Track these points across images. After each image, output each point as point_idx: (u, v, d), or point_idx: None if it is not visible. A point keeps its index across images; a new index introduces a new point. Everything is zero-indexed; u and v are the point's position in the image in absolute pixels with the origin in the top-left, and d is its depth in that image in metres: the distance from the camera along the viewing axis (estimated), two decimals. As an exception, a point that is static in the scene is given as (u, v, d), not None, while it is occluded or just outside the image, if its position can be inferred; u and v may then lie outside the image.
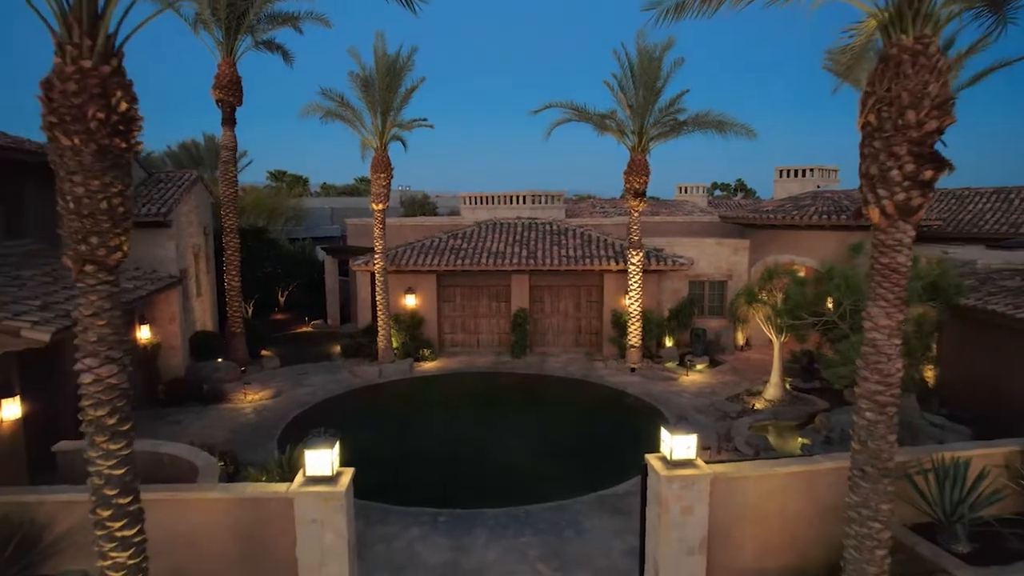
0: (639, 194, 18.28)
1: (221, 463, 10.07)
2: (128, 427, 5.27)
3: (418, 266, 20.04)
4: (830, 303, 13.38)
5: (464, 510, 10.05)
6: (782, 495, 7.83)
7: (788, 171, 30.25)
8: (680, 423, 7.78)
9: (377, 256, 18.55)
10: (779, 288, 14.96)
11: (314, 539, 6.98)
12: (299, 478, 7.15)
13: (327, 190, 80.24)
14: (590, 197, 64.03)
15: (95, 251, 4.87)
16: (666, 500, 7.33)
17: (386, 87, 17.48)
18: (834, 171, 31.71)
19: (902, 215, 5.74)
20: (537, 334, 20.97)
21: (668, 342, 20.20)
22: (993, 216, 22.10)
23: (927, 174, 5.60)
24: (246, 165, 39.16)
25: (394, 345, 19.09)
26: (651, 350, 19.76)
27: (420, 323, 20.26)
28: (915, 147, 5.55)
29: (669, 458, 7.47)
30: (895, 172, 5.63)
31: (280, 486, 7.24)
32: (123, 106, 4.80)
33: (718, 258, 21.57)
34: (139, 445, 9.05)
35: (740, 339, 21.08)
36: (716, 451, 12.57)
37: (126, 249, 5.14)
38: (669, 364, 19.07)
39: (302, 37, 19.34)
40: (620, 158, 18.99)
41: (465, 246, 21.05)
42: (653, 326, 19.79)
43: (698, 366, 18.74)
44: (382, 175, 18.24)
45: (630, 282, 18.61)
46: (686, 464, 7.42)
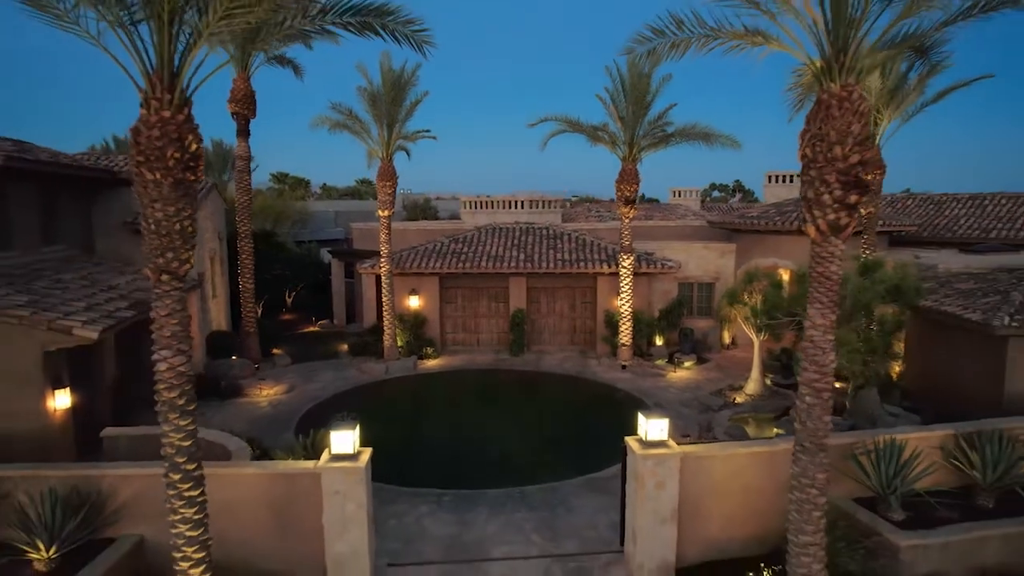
0: (630, 201, 19.43)
1: (248, 447, 11.19)
2: (193, 407, 6.41)
3: (421, 269, 21.17)
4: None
5: (466, 491, 11.19)
6: (745, 473, 8.98)
7: (778, 176, 31.36)
8: (655, 409, 8.93)
9: (383, 259, 19.69)
10: (758, 290, 16.09)
11: (338, 508, 8.13)
12: (325, 455, 8.30)
13: (328, 192, 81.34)
14: (591, 199, 65.20)
15: (170, 264, 6.01)
16: (642, 476, 8.48)
17: (391, 101, 18.63)
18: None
19: (833, 232, 6.88)
20: (534, 333, 22.10)
21: (658, 341, 21.34)
22: (967, 221, 23.29)
23: (852, 198, 6.74)
24: (254, 170, 40.21)
25: (399, 344, 20.22)
26: (642, 348, 20.89)
27: (423, 323, 21.39)
28: (842, 176, 6.69)
29: (645, 439, 8.63)
30: (826, 196, 6.77)
31: (308, 463, 8.39)
32: (193, 147, 5.94)
33: (706, 261, 22.72)
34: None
35: (726, 338, 22.22)
36: (696, 441, 13.70)
37: (192, 262, 6.27)
38: (659, 361, 20.21)
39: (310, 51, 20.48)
40: (618, 162, 19.97)
41: (466, 250, 22.19)
42: (644, 326, 20.92)
43: (686, 363, 19.88)
44: (388, 183, 19.39)
45: (621, 284, 19.75)
46: (659, 445, 8.58)
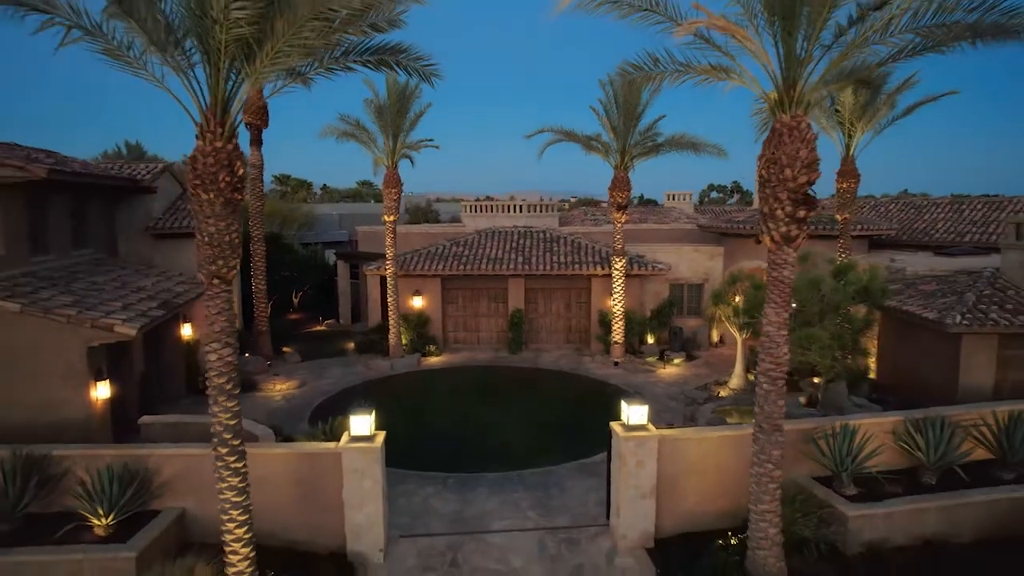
0: (621, 207, 20.55)
1: (273, 433, 12.32)
2: (237, 391, 7.52)
3: (424, 271, 22.29)
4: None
5: (468, 474, 12.31)
6: (716, 454, 10.10)
7: (766, 181, 32.35)
8: (636, 398, 10.05)
9: (388, 262, 20.81)
10: (740, 291, 17.21)
11: (356, 484, 9.24)
12: (345, 437, 9.42)
13: (330, 194, 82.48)
14: (590, 200, 66.29)
15: (220, 270, 7.13)
16: (624, 456, 9.60)
17: (397, 112, 19.74)
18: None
19: (785, 242, 8.01)
20: (532, 332, 23.20)
21: (650, 339, 22.44)
22: (944, 225, 24.40)
23: (801, 213, 7.87)
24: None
25: (403, 342, 21.33)
26: (634, 346, 22.01)
27: (426, 322, 22.50)
28: (792, 194, 7.81)
29: (627, 424, 9.76)
30: (779, 211, 7.90)
31: (330, 444, 9.51)
32: (240, 171, 7.06)
33: (696, 263, 23.83)
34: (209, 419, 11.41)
35: (715, 337, 23.34)
36: (681, 430, 14.82)
37: (237, 269, 7.37)
38: (650, 359, 21.33)
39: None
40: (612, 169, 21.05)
41: (466, 252, 23.30)
42: (636, 325, 22.04)
43: (675, 360, 20.99)
44: (393, 190, 20.51)
45: (614, 285, 20.87)
46: (640, 428, 9.70)
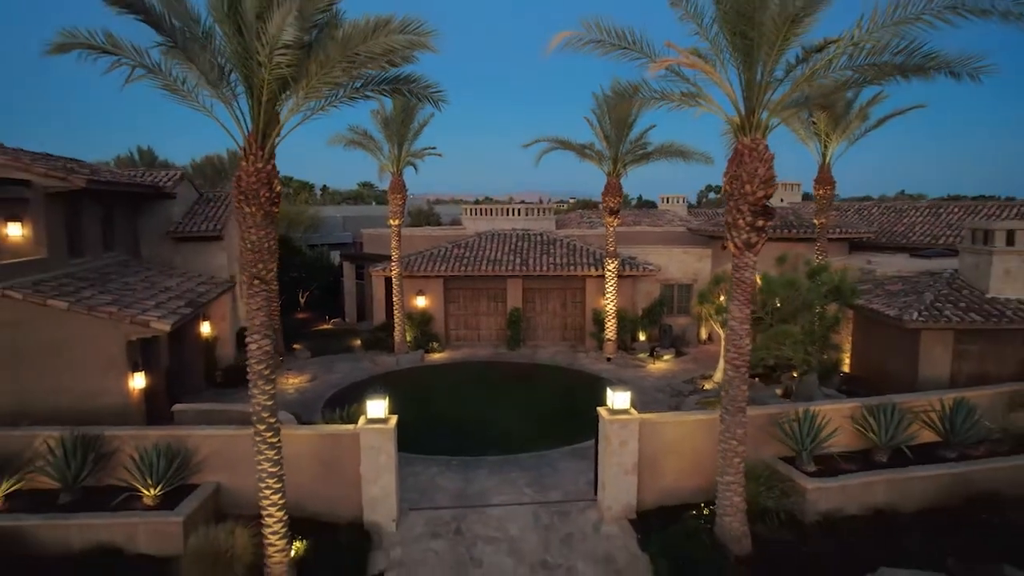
0: (613, 212, 21.78)
1: (295, 418, 13.53)
2: (274, 377, 8.72)
3: (427, 272, 23.50)
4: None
5: (470, 457, 13.53)
6: (692, 436, 11.32)
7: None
8: (619, 385, 11.28)
9: (393, 263, 22.02)
10: (724, 291, 18.42)
11: (373, 460, 10.46)
12: (362, 420, 10.64)
13: (332, 196, 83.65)
14: (589, 201, 67.49)
15: (260, 272, 8.34)
16: (609, 437, 10.83)
17: (402, 122, 20.94)
18: (797, 186, 35.25)
19: (746, 248, 9.23)
20: (529, 330, 24.41)
21: (641, 336, 23.66)
22: (921, 228, 25.65)
23: (760, 223, 9.09)
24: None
25: (408, 339, 22.54)
26: (626, 343, 23.23)
27: (429, 320, 23.72)
28: (752, 206, 9.04)
29: (612, 408, 10.98)
30: (741, 221, 9.12)
31: (349, 426, 10.73)
32: (277, 188, 8.27)
33: (685, 264, 25.05)
34: (237, 407, 12.71)
35: (703, 334, 24.57)
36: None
37: (275, 271, 8.58)
38: (640, 355, 22.55)
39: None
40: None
41: (467, 254, 24.51)
42: (628, 323, 23.27)
43: (665, 356, 22.21)
44: (398, 196, 21.73)
45: (606, 286, 22.09)
46: (623, 412, 10.93)
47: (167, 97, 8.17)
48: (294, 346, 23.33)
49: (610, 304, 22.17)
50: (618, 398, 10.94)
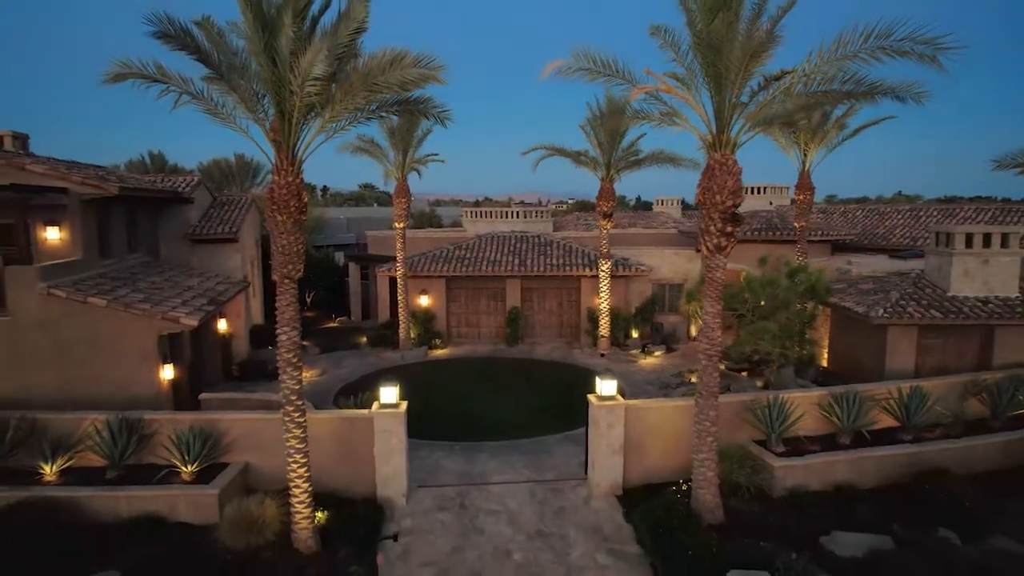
0: (607, 215, 22.98)
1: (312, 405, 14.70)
2: (301, 364, 9.90)
3: (430, 272, 24.69)
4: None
5: (472, 442, 14.72)
6: (673, 420, 12.51)
7: (747, 188, 34.92)
8: (606, 374, 12.48)
9: (398, 264, 23.21)
10: (709, 290, 19.60)
11: (385, 442, 11.65)
12: (375, 405, 11.83)
13: (334, 197, 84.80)
14: (588, 203, 68.64)
15: (290, 272, 9.52)
16: (597, 420, 12.03)
17: (406, 131, 22.13)
18: (785, 189, 36.39)
19: (717, 251, 10.43)
20: (527, 327, 25.60)
21: (634, 333, 24.86)
22: (902, 231, 26.88)
23: (729, 228, 10.29)
24: (267, 174, 43.69)
25: (412, 336, 23.72)
26: (619, 340, 24.42)
27: (432, 318, 24.90)
28: (722, 214, 10.23)
29: (600, 395, 12.18)
30: (712, 228, 10.32)
31: (364, 411, 11.93)
32: (305, 199, 9.46)
33: (676, 265, 26.23)
34: (256, 396, 13.91)
35: (693, 331, 25.74)
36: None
37: (302, 271, 9.76)
38: (633, 351, 23.73)
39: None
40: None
41: (468, 255, 25.71)
42: (621, 321, 24.46)
43: (656, 352, 23.40)
44: (403, 200, 22.93)
45: (600, 286, 23.29)
46: (610, 398, 12.12)
47: (209, 119, 9.34)
48: (304, 343, 24.44)
49: (604, 303, 23.36)
50: (605, 386, 12.14)
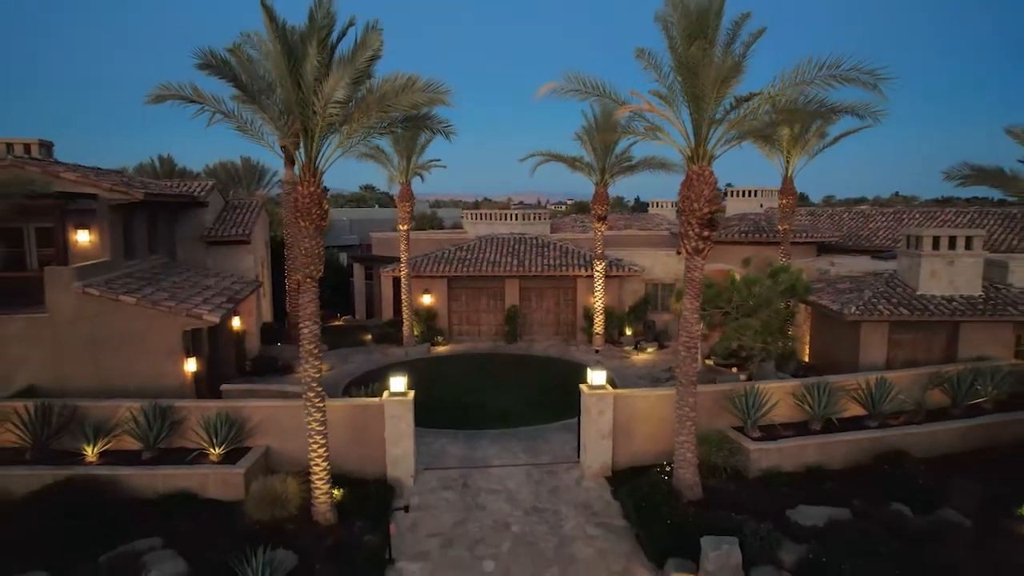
0: (601, 218, 24.11)
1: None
2: (320, 354, 11.01)
3: (433, 272, 25.81)
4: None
5: (474, 430, 15.84)
6: (658, 407, 13.63)
7: (738, 192, 36.07)
8: (596, 365, 13.60)
9: (402, 265, 24.33)
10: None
11: (395, 426, 12.76)
12: (385, 394, 12.95)
13: (334, 198, 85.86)
14: (587, 204, 69.84)
15: (312, 272, 10.64)
16: (588, 408, 13.15)
17: (410, 138, 23.23)
18: (775, 192, 37.48)
19: (695, 253, 11.56)
20: (525, 325, 26.71)
21: (628, 331, 25.96)
22: (884, 233, 28.02)
23: (706, 233, 11.42)
24: (272, 176, 44.67)
25: (415, 333, 24.83)
26: (614, 337, 25.54)
27: (434, 316, 26.02)
28: (700, 221, 11.35)
29: (591, 384, 13.30)
30: (691, 232, 11.45)
31: (375, 399, 13.05)
32: (325, 206, 10.58)
33: (668, 265, 27.34)
34: (273, 387, 15.03)
35: (684, 329, 26.86)
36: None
37: (322, 271, 10.86)
38: (627, 348, 24.85)
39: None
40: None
41: (469, 256, 26.82)
42: (615, 319, 25.57)
43: (648, 349, 24.51)
44: (407, 203, 24.05)
45: (595, 285, 24.41)
46: (600, 388, 13.25)
47: (238, 135, 10.46)
48: (311, 340, 25.57)
49: (598, 302, 24.48)
50: (596, 376, 13.27)
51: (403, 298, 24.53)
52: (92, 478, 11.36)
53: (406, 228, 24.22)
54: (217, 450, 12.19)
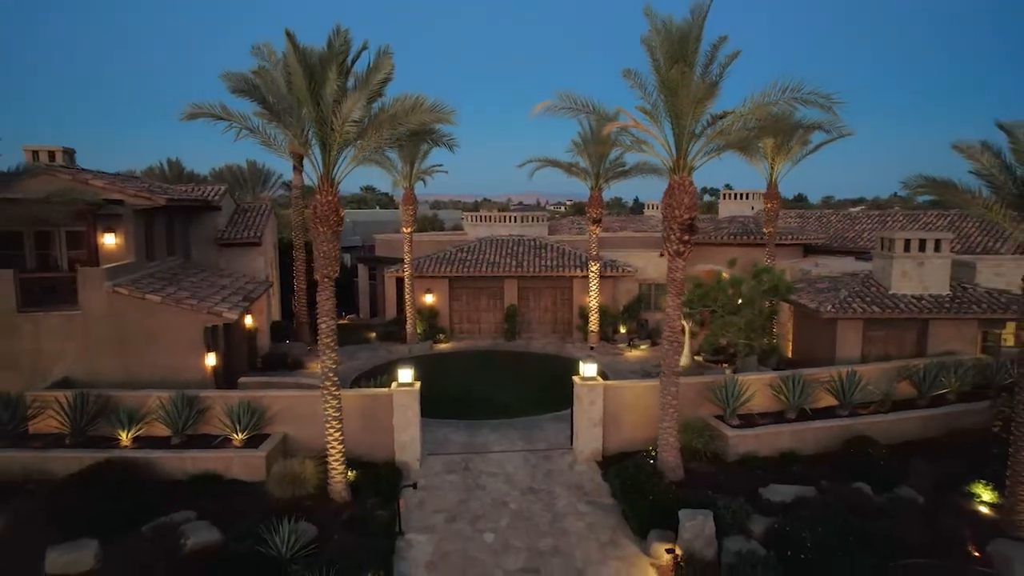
0: (596, 221, 25.24)
1: (331, 392, 16.91)
2: (336, 347, 12.12)
3: (435, 273, 26.93)
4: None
5: (475, 420, 16.98)
6: (644, 397, 14.75)
7: (732, 194, 37.20)
8: (588, 358, 14.72)
9: (406, 266, 25.45)
10: (685, 290, 21.85)
11: (402, 414, 13.89)
12: (394, 384, 14.08)
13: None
14: (585, 204, 71.09)
15: (329, 273, 11.75)
16: (580, 397, 14.28)
17: (413, 145, 24.34)
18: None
19: (676, 256, 12.69)
20: (523, 324, 27.84)
21: (622, 329, 27.07)
22: (869, 234, 29.12)
23: (686, 237, 12.54)
24: (277, 177, 45.79)
25: (418, 331, 25.95)
26: (608, 335, 26.66)
27: (436, 315, 27.15)
28: (680, 226, 12.48)
29: (583, 376, 14.43)
30: (672, 236, 12.58)
31: (384, 389, 14.18)
32: (341, 213, 11.69)
33: (661, 266, 28.29)
34: (288, 379, 16.19)
35: (676, 327, 27.99)
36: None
37: (338, 272, 11.98)
38: (621, 345, 25.97)
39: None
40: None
41: (469, 257, 27.95)
42: (610, 317, 26.70)
43: (641, 346, 25.64)
44: (410, 207, 25.19)
45: (590, 285, 25.54)
46: (591, 379, 14.38)
47: (264, 150, 11.57)
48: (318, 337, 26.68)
49: (594, 301, 25.61)
50: (587, 368, 14.40)
51: (406, 297, 25.66)
52: (128, 460, 12.48)
53: (410, 230, 25.35)
54: (240, 436, 13.31)
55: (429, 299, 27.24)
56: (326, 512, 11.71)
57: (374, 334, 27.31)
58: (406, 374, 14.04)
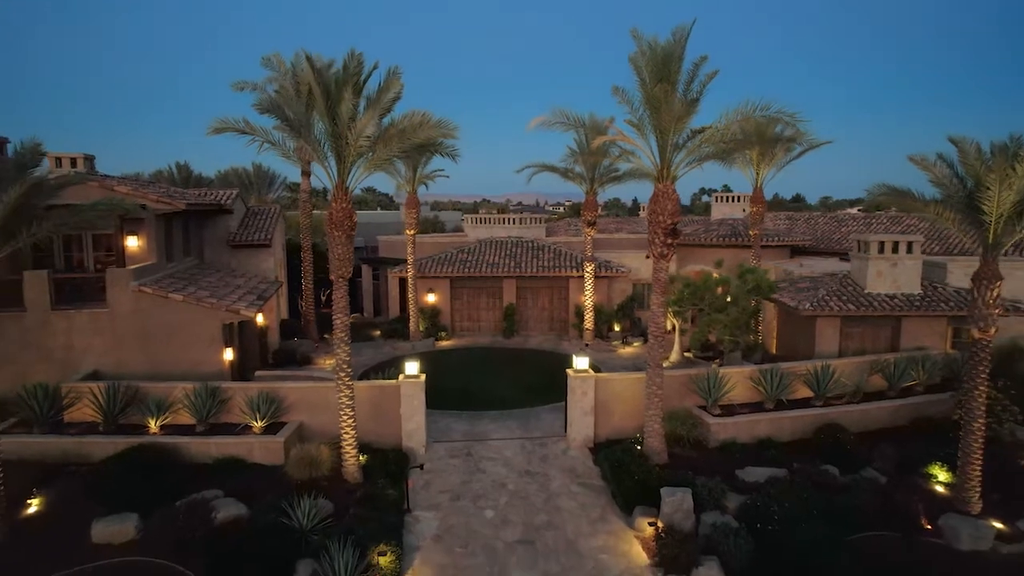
0: (591, 223, 26.38)
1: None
2: (349, 340, 13.24)
3: (436, 273, 28.07)
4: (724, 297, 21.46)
5: (476, 411, 18.11)
6: (632, 388, 15.88)
7: (723, 197, 38.26)
8: (581, 353, 15.86)
9: (409, 266, 26.59)
10: (674, 289, 23.00)
11: (409, 404, 15.02)
12: (401, 376, 15.21)
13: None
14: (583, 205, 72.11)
15: (343, 273, 12.88)
16: (574, 388, 15.42)
17: (416, 151, 25.45)
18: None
19: (660, 257, 13.84)
20: (521, 322, 28.98)
21: (616, 327, 28.21)
22: (855, 236, 30.18)
23: (669, 240, 13.68)
24: (282, 180, 46.92)
25: (420, 329, 27.09)
26: (602, 333, 27.80)
27: (438, 313, 28.29)
28: (664, 230, 13.62)
29: (576, 369, 15.58)
30: (657, 240, 13.72)
31: (392, 381, 15.31)
32: (354, 218, 12.82)
33: (654, 267, 29.61)
34: (301, 373, 17.36)
35: (668, 325, 29.10)
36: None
37: (351, 273, 13.10)
38: (614, 342, 27.12)
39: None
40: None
41: (469, 258, 29.08)
42: (604, 316, 27.84)
43: (634, 344, 26.77)
44: (413, 211, 26.32)
45: (585, 285, 26.68)
46: (584, 372, 15.52)
47: (283, 160, 12.68)
48: (325, 335, 27.78)
49: (589, 300, 26.75)
50: (580, 362, 15.55)
51: (410, 296, 26.79)
52: (158, 445, 13.61)
53: (413, 233, 26.48)
54: (259, 423, 14.44)
55: (431, 298, 28.37)
56: (340, 491, 12.83)
57: (378, 332, 28.41)
58: (412, 367, 15.18)
